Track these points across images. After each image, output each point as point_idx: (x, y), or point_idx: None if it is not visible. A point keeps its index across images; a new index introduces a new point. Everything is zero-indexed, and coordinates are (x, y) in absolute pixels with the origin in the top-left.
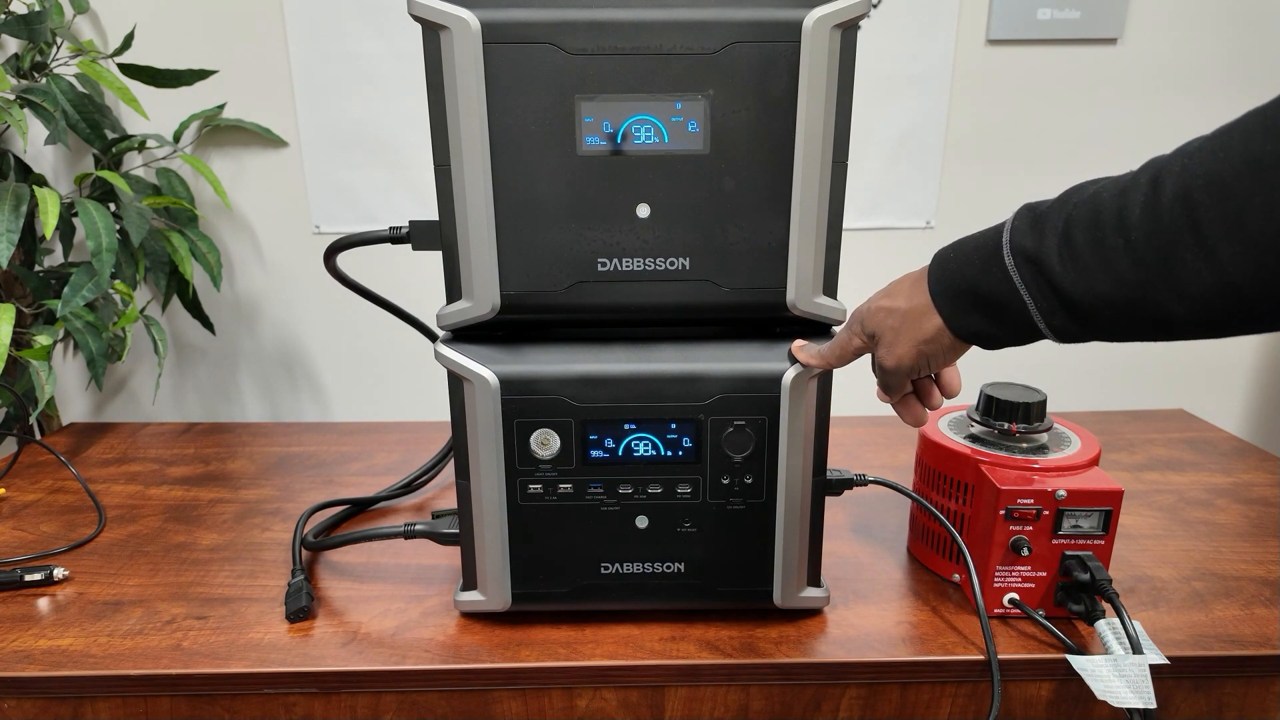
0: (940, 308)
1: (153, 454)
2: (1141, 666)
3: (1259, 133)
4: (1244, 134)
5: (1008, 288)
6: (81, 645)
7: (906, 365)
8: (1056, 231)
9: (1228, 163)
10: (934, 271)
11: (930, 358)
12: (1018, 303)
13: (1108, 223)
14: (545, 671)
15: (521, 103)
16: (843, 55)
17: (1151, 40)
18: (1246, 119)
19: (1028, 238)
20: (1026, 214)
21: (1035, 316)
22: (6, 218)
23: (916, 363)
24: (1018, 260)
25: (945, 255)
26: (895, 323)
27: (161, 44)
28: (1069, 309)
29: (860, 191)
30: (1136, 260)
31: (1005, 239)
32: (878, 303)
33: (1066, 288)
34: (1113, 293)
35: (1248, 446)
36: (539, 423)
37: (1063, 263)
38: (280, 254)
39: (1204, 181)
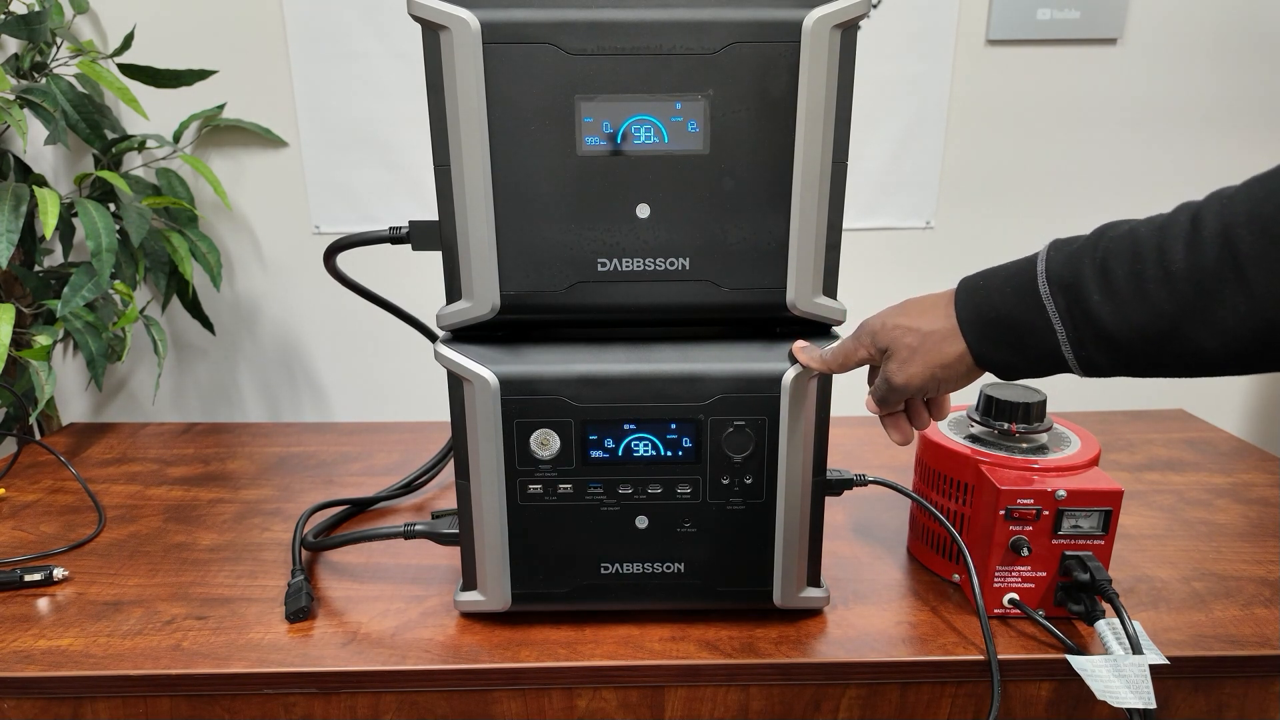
0: (967, 334)
1: (153, 454)
2: (1141, 667)
3: None
4: None
5: (1040, 318)
6: (81, 645)
7: (915, 385)
8: (1094, 263)
9: (1269, 203)
10: (962, 298)
11: (943, 382)
12: (1048, 333)
13: (1147, 256)
14: (545, 671)
15: (521, 103)
16: (843, 55)
17: (1151, 40)
18: None
19: (1064, 268)
20: (1061, 246)
21: (1065, 347)
22: (6, 218)
23: (926, 385)
24: (1053, 289)
25: (974, 284)
26: (914, 341)
27: (161, 44)
28: (1102, 340)
29: (860, 191)
30: (1174, 293)
31: (1040, 269)
32: (895, 320)
33: (1103, 318)
34: (1148, 325)
35: (1248, 446)
36: (539, 423)
37: (1100, 293)
38: (280, 254)
39: (1245, 219)
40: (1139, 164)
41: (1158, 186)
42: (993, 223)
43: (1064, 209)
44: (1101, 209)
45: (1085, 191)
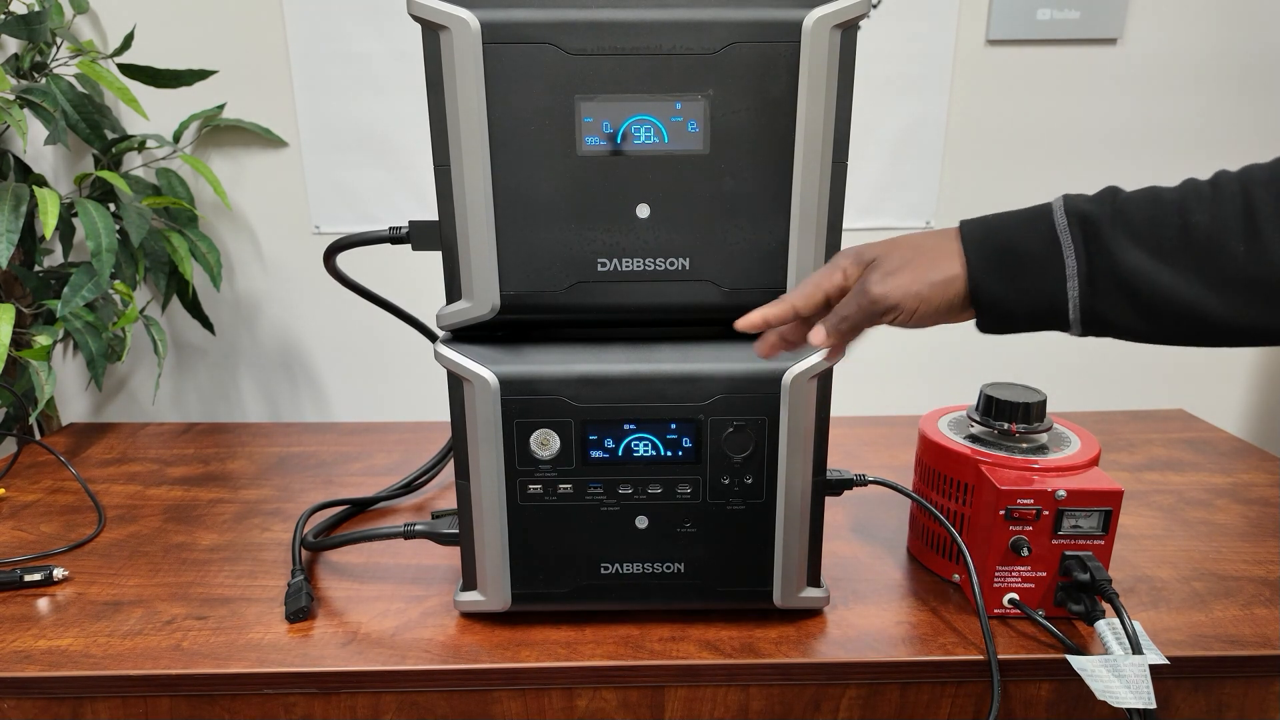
0: (970, 254)
1: (152, 454)
2: (1141, 667)
3: None
4: None
5: (1051, 249)
6: (81, 645)
7: (894, 298)
8: (1114, 206)
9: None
10: (968, 224)
11: (925, 302)
12: (1056, 265)
13: (1168, 209)
14: (545, 671)
15: (521, 103)
16: (843, 55)
17: (1151, 40)
18: None
19: (1084, 205)
20: (1077, 194)
21: (1070, 282)
22: (6, 218)
23: (905, 300)
24: (1071, 222)
25: (982, 218)
26: (908, 253)
27: (161, 44)
28: (1111, 277)
29: (860, 191)
30: (1189, 243)
31: (1058, 205)
32: (892, 239)
33: (1116, 254)
34: (1159, 273)
35: (1248, 446)
36: (539, 423)
37: (1119, 231)
38: (280, 254)
39: (1266, 177)
40: (1139, 164)
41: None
42: None
43: None
44: None
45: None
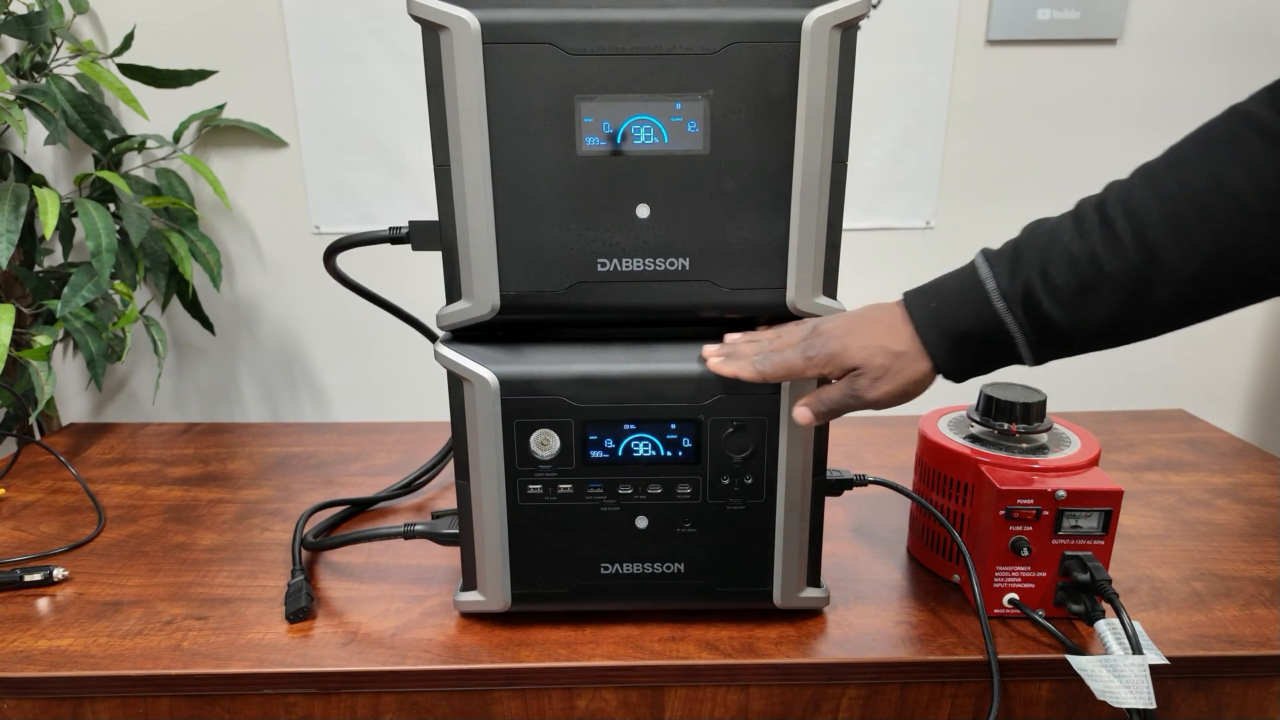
0: (936, 354)
1: (152, 454)
2: (1141, 667)
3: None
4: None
5: (999, 330)
6: (81, 646)
7: (888, 401)
8: (1038, 274)
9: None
10: (921, 323)
11: (910, 395)
12: (1006, 340)
13: (1081, 261)
14: (545, 672)
15: (521, 103)
16: (843, 55)
17: (1151, 40)
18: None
19: (1014, 283)
20: (999, 261)
21: (1022, 349)
22: (6, 218)
23: (897, 400)
24: (1010, 305)
25: (927, 306)
26: (886, 361)
27: (161, 44)
28: (1057, 339)
29: (860, 191)
30: (1114, 289)
31: (991, 287)
32: (859, 340)
33: (1056, 320)
34: (1096, 320)
35: (1248, 446)
36: (539, 423)
37: (1050, 301)
38: (280, 254)
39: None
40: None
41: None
42: (993, 222)
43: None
44: None
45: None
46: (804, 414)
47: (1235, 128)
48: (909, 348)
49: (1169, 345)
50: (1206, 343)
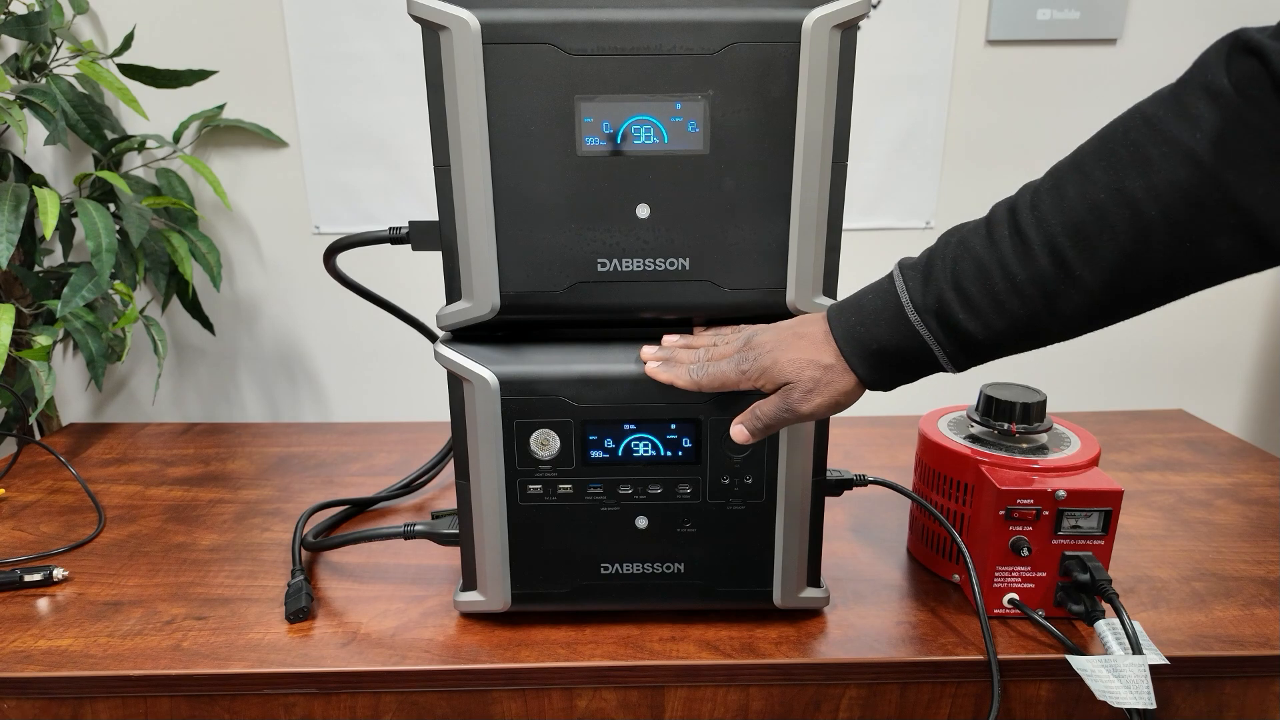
0: (858, 369)
1: (152, 454)
2: (1141, 667)
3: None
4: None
5: (916, 342)
6: (81, 646)
7: (821, 414)
8: (950, 285)
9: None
10: (842, 339)
11: (841, 406)
12: (925, 351)
13: (993, 272)
14: (545, 672)
15: (521, 103)
16: (843, 55)
17: (1151, 40)
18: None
19: (927, 296)
20: (913, 274)
21: (941, 359)
22: (6, 218)
23: (829, 411)
24: (924, 318)
25: (847, 320)
26: (816, 374)
27: (161, 44)
28: (972, 348)
29: (860, 191)
30: (1025, 299)
31: (905, 300)
32: (789, 354)
33: (971, 331)
34: (1009, 328)
35: (1248, 446)
36: (539, 423)
37: (964, 312)
38: (280, 254)
39: (1060, 227)
40: None
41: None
42: None
43: None
44: None
45: None
46: (740, 432)
47: (1135, 134)
48: (835, 361)
49: (1169, 345)
50: (1207, 343)
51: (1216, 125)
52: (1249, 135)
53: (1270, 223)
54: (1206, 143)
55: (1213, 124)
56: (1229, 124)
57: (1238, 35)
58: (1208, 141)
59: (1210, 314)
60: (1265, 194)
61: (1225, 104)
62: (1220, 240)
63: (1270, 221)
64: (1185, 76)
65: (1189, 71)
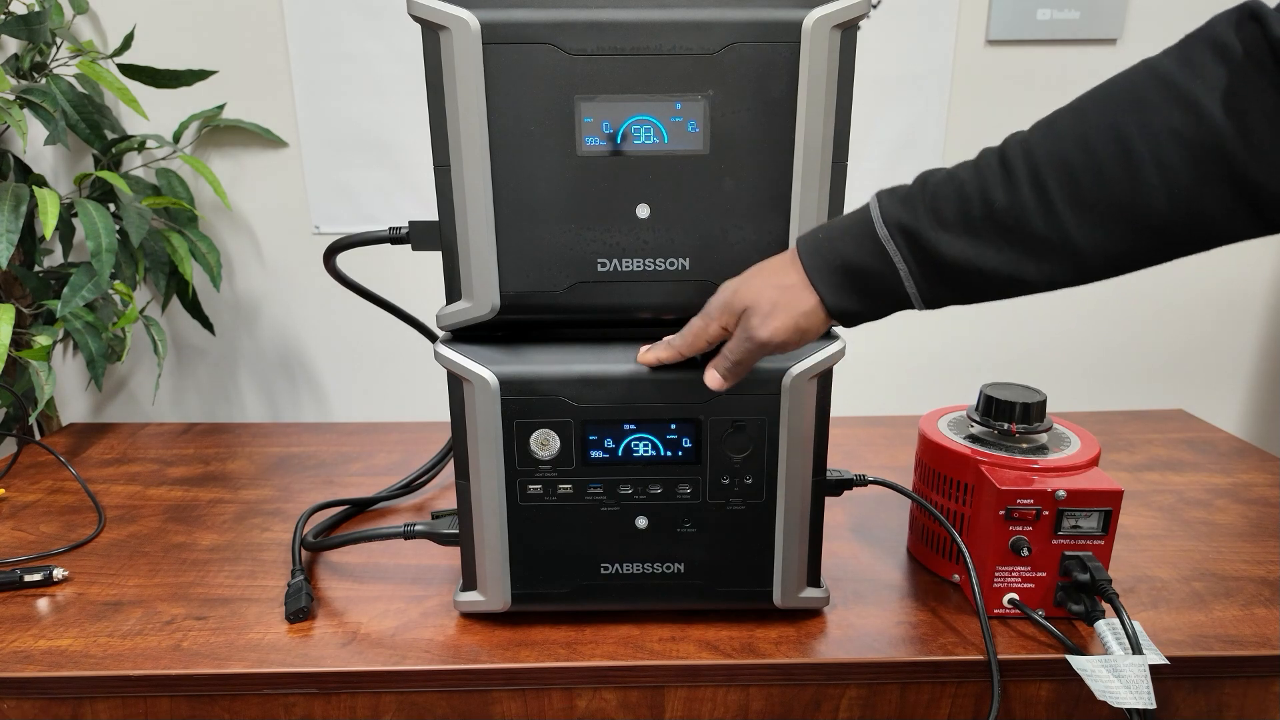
0: (816, 284)
1: (152, 454)
2: (1141, 667)
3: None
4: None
5: (882, 260)
6: (81, 646)
7: (780, 338)
8: (925, 205)
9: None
10: (805, 252)
11: (804, 332)
12: (890, 272)
13: (971, 195)
14: (545, 672)
15: (521, 103)
16: (843, 55)
17: (1151, 40)
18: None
19: (900, 211)
20: (889, 194)
21: (906, 282)
22: (6, 218)
23: (789, 337)
24: (892, 231)
25: (814, 237)
26: (774, 296)
27: (161, 44)
28: (939, 272)
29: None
30: (998, 226)
31: (876, 216)
32: (749, 282)
33: (940, 251)
34: (977, 255)
35: (1248, 446)
36: (539, 423)
37: (934, 230)
38: (280, 254)
39: (1046, 157)
40: None
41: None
42: None
43: None
44: None
45: None
46: (712, 376)
47: (1138, 79)
48: (795, 281)
49: (1169, 345)
50: (1206, 343)
51: (1220, 78)
52: (1252, 94)
53: (1263, 182)
54: (1207, 91)
55: (1216, 76)
56: (1233, 79)
57: (1249, 2)
58: (1209, 90)
59: (1210, 314)
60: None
61: (1231, 60)
62: (1211, 192)
63: (1263, 181)
64: (1193, 33)
65: (1197, 29)
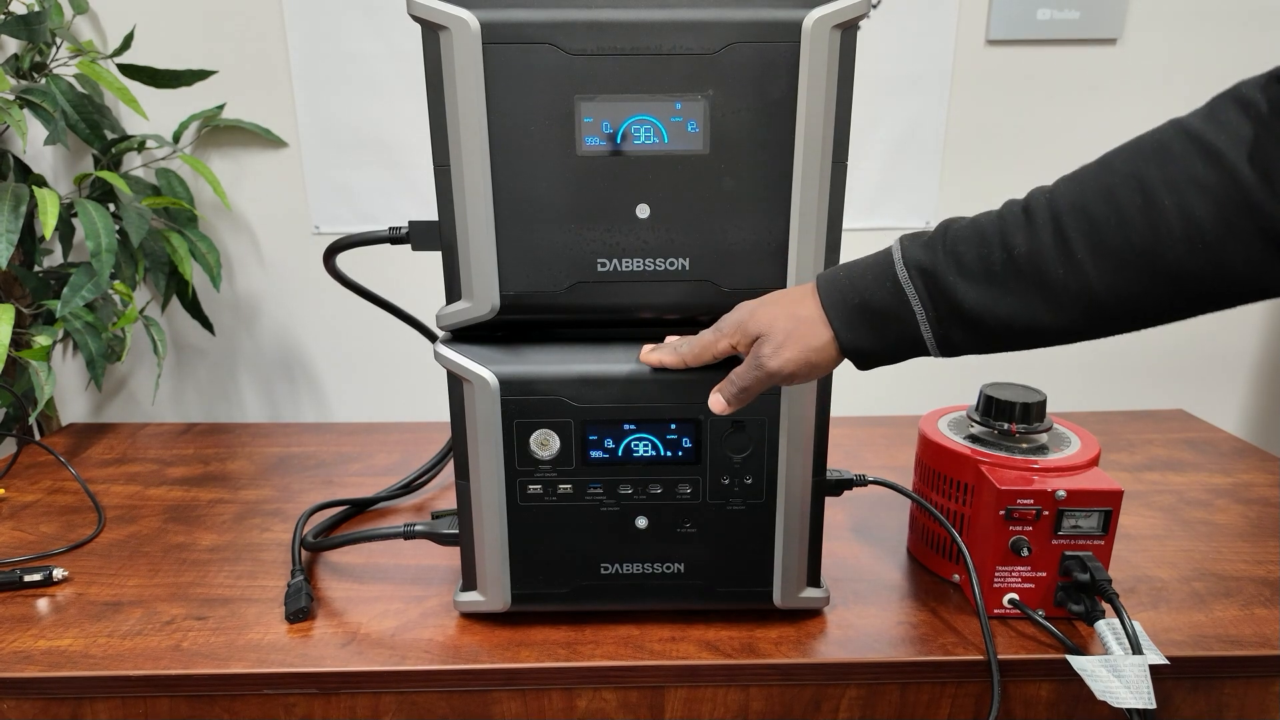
0: (832, 320)
1: (152, 454)
2: (1141, 667)
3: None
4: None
5: (899, 301)
6: (81, 646)
7: (789, 370)
8: (945, 249)
9: (1087, 191)
10: (824, 288)
11: (814, 367)
12: (907, 314)
13: (992, 241)
14: (545, 672)
15: (521, 103)
16: (843, 55)
17: (1151, 40)
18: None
19: (920, 254)
20: (911, 239)
21: (923, 327)
22: (6, 218)
23: (799, 370)
24: (911, 274)
25: (834, 274)
26: (789, 326)
27: (161, 44)
28: (957, 317)
29: (860, 191)
30: (1018, 272)
31: (897, 258)
32: (766, 308)
33: (957, 296)
34: (995, 302)
35: (1248, 446)
36: (539, 423)
37: (954, 274)
38: (280, 254)
39: (1068, 206)
40: None
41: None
42: None
43: None
44: None
45: None
46: (716, 400)
47: (1164, 134)
48: (810, 314)
49: (1169, 345)
50: (1207, 343)
51: (1246, 132)
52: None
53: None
54: (1232, 145)
55: (1242, 131)
56: (1260, 133)
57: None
58: (1234, 144)
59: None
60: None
61: (1257, 116)
62: (1238, 244)
63: None
64: (1220, 94)
65: (1224, 91)
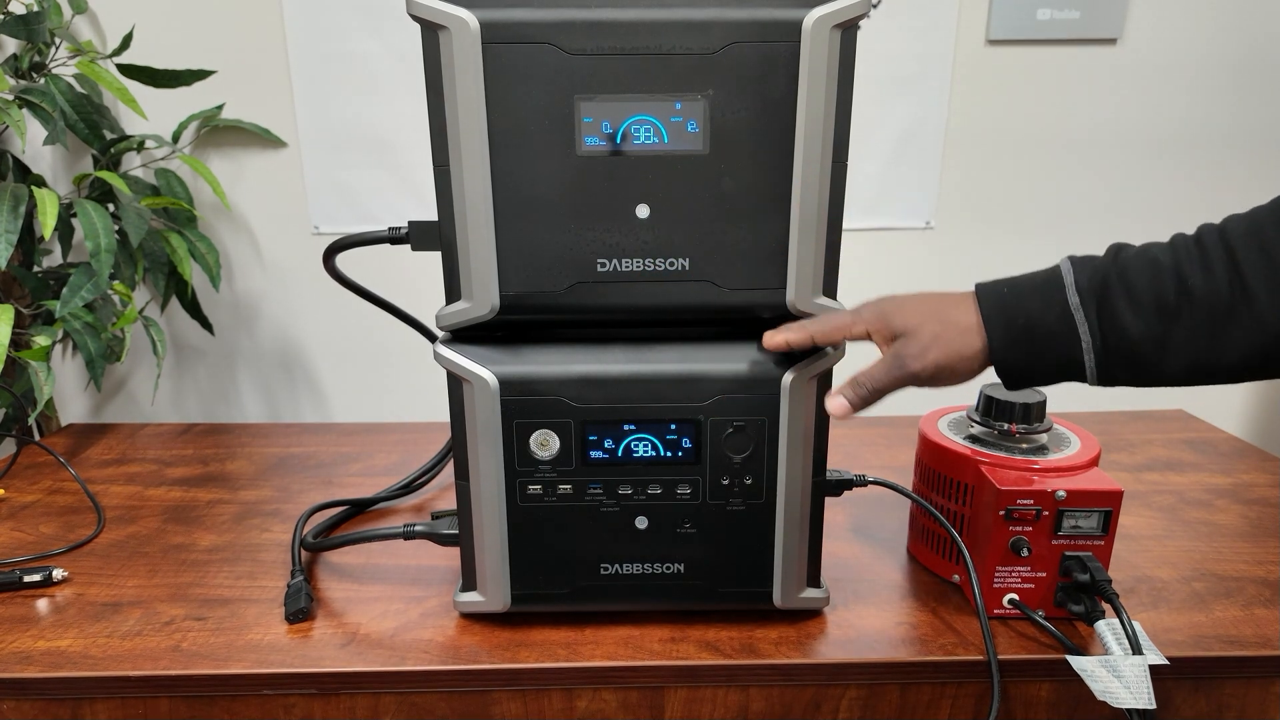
0: (991, 333)
1: (151, 455)
2: (1141, 667)
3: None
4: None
5: (1066, 325)
6: (80, 646)
7: (929, 373)
8: (1119, 278)
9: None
10: (985, 298)
11: (955, 374)
12: (1073, 340)
13: (1166, 274)
14: (545, 672)
15: (521, 103)
16: (843, 55)
17: (1151, 40)
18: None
19: (1092, 281)
20: (1081, 262)
21: (1086, 355)
22: (5, 218)
23: (938, 374)
24: (1084, 299)
25: (996, 288)
26: (937, 329)
27: (160, 44)
28: (1125, 350)
29: (860, 191)
30: (1194, 309)
31: (1069, 282)
32: (916, 305)
33: (1130, 330)
34: (1170, 337)
35: (1248, 447)
36: (538, 423)
37: (1128, 306)
38: (279, 254)
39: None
40: (1138, 164)
41: (1157, 186)
42: (993, 223)
43: (1064, 209)
44: (1102, 208)
45: (1085, 191)
46: (839, 404)
47: None
48: (964, 321)
49: None
50: None
51: None
52: None
53: None
54: None
55: None
56: None
57: None
58: None
59: None
60: None
61: None
62: None
63: None
64: None
65: None
